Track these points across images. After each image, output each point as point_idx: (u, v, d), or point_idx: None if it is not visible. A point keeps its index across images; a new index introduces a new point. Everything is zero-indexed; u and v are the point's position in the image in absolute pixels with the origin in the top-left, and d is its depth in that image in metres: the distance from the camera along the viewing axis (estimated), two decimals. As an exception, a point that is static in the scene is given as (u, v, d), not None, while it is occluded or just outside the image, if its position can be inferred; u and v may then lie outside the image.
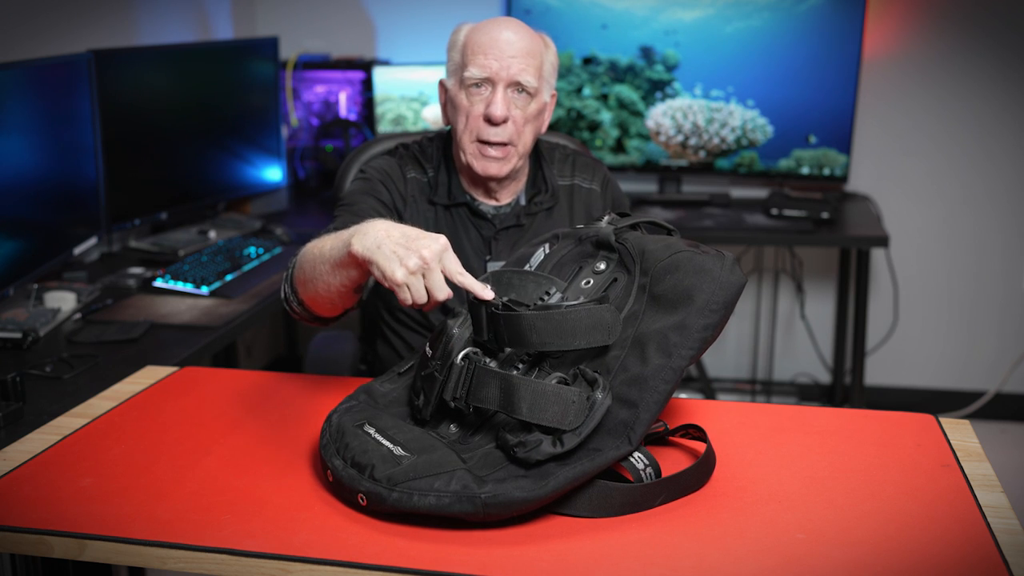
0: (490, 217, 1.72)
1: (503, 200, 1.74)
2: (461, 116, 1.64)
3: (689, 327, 1.17)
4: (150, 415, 1.46)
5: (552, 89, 1.70)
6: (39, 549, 1.13)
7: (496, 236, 1.71)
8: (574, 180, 1.80)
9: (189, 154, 2.81)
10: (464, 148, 1.65)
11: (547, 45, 1.68)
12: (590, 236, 1.36)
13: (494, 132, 1.62)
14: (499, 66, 1.59)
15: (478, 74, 1.60)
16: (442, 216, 1.72)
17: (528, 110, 1.63)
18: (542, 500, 1.10)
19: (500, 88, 1.60)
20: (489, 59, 1.59)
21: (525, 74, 1.60)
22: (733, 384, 3.59)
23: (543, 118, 1.70)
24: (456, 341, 1.21)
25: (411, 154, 1.77)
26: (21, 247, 2.09)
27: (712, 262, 1.20)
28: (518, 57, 1.60)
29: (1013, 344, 3.37)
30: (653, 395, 1.15)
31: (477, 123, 1.62)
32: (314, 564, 1.06)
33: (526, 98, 1.62)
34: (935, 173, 3.32)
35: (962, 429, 1.39)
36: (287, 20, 3.54)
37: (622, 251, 1.31)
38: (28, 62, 2.14)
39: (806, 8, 3.11)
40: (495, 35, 1.60)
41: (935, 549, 1.08)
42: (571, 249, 1.38)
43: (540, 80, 1.64)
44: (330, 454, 1.20)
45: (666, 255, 1.24)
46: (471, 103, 1.62)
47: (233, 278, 2.37)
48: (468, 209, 1.72)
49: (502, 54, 1.59)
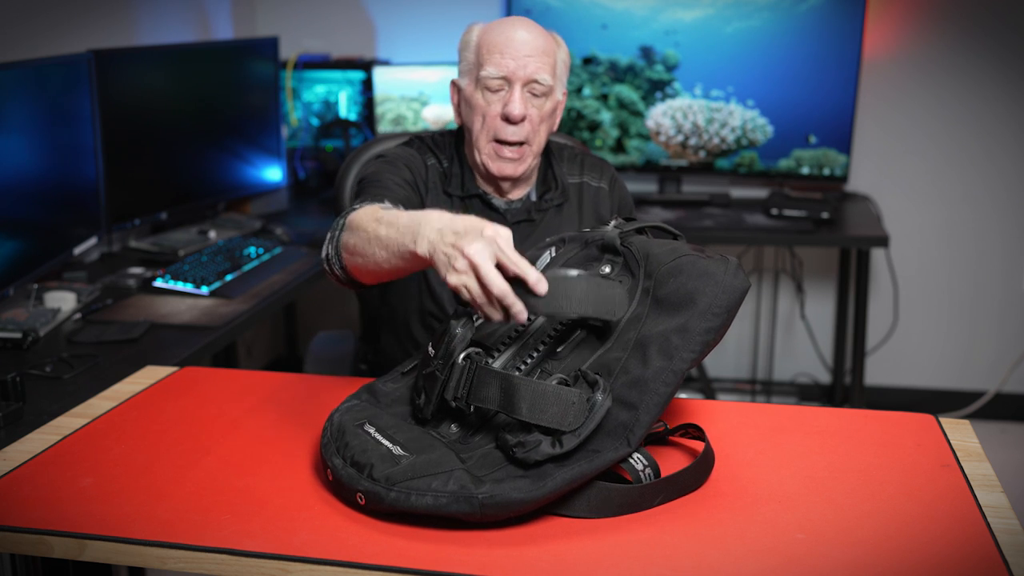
0: (502, 211, 1.73)
1: (514, 196, 1.75)
2: (477, 116, 1.65)
3: (691, 330, 1.17)
4: (150, 415, 1.46)
5: (564, 87, 1.71)
6: (39, 549, 1.13)
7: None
8: (583, 179, 1.81)
9: (189, 154, 2.81)
10: (480, 148, 1.66)
11: (559, 44, 1.69)
12: (596, 239, 1.37)
13: (512, 131, 1.63)
14: (516, 65, 1.60)
15: (495, 73, 1.61)
16: (457, 207, 1.72)
17: (544, 109, 1.65)
18: (539, 501, 1.10)
19: (517, 87, 1.61)
20: (506, 58, 1.60)
21: (541, 72, 1.61)
22: (733, 384, 3.59)
23: (556, 117, 1.71)
24: (459, 341, 1.20)
25: (426, 145, 1.78)
26: (21, 247, 2.09)
27: (716, 266, 1.21)
28: (534, 56, 1.60)
29: (1013, 344, 3.37)
30: (653, 397, 1.15)
31: (495, 123, 1.63)
32: (314, 564, 1.06)
33: (542, 97, 1.64)
34: (935, 173, 3.32)
35: (962, 429, 1.39)
36: (287, 20, 3.54)
37: (627, 255, 1.32)
38: (28, 62, 2.14)
39: (806, 8, 3.11)
40: (510, 34, 1.61)
41: (935, 549, 1.08)
42: (577, 252, 1.39)
43: (555, 78, 1.65)
44: (330, 453, 1.21)
45: (670, 259, 1.25)
46: (488, 103, 1.63)
47: (233, 278, 2.37)
48: (481, 201, 1.73)
49: (518, 53, 1.60)
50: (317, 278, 2.51)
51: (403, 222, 1.24)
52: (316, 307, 3.70)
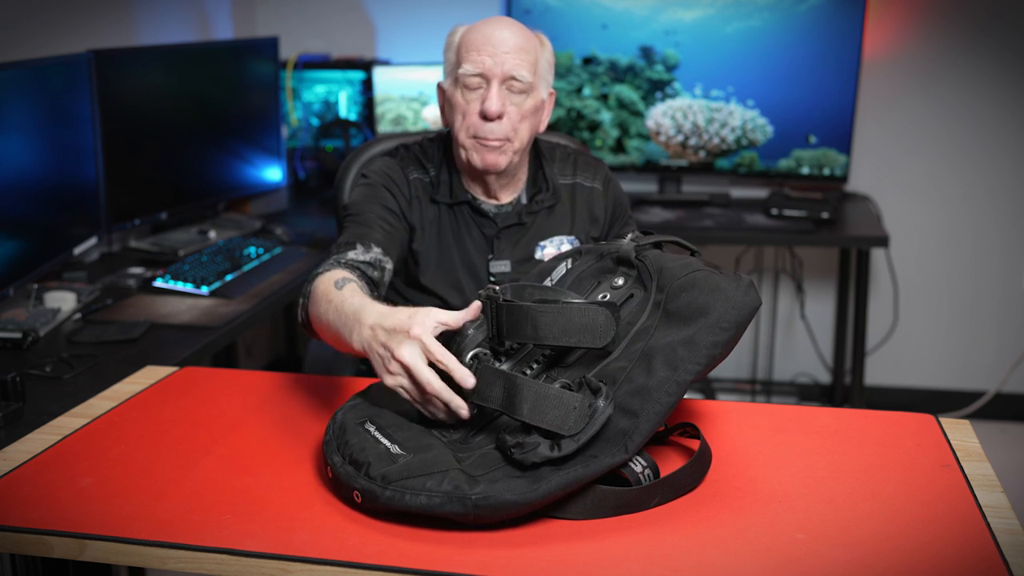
0: (492, 216, 1.73)
1: (504, 199, 1.75)
2: (458, 115, 1.65)
3: (698, 342, 1.18)
4: (150, 415, 1.46)
5: (550, 88, 1.70)
6: (39, 549, 1.13)
7: (498, 235, 1.72)
8: (576, 179, 1.80)
9: (189, 154, 2.81)
10: (463, 144, 1.66)
11: (543, 43, 1.68)
12: (611, 252, 1.39)
13: (490, 129, 1.62)
14: (493, 62, 1.60)
15: (472, 70, 1.61)
16: (445, 215, 1.73)
17: (524, 106, 1.64)
18: (533, 504, 1.10)
19: (495, 84, 1.61)
20: (483, 55, 1.60)
21: (520, 69, 1.61)
22: (733, 384, 3.59)
23: (540, 116, 1.70)
24: (469, 342, 1.22)
25: (412, 155, 1.77)
26: (21, 247, 2.09)
27: (728, 282, 1.21)
28: (512, 53, 1.60)
29: (1013, 344, 3.37)
30: (655, 407, 1.15)
31: (473, 120, 1.63)
32: (314, 564, 1.06)
33: (521, 94, 1.63)
34: (935, 173, 3.32)
35: (962, 429, 1.39)
36: (287, 20, 3.54)
37: (641, 268, 1.33)
38: (28, 62, 2.14)
39: (806, 8, 3.11)
40: (488, 33, 1.61)
41: (935, 549, 1.08)
42: (592, 264, 1.40)
43: (535, 75, 1.64)
44: (331, 451, 1.21)
45: (683, 273, 1.26)
46: (467, 101, 1.63)
47: (233, 278, 2.37)
48: (470, 207, 1.73)
49: (496, 50, 1.60)
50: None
51: (346, 310, 1.30)
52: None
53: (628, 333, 1.25)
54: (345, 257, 1.53)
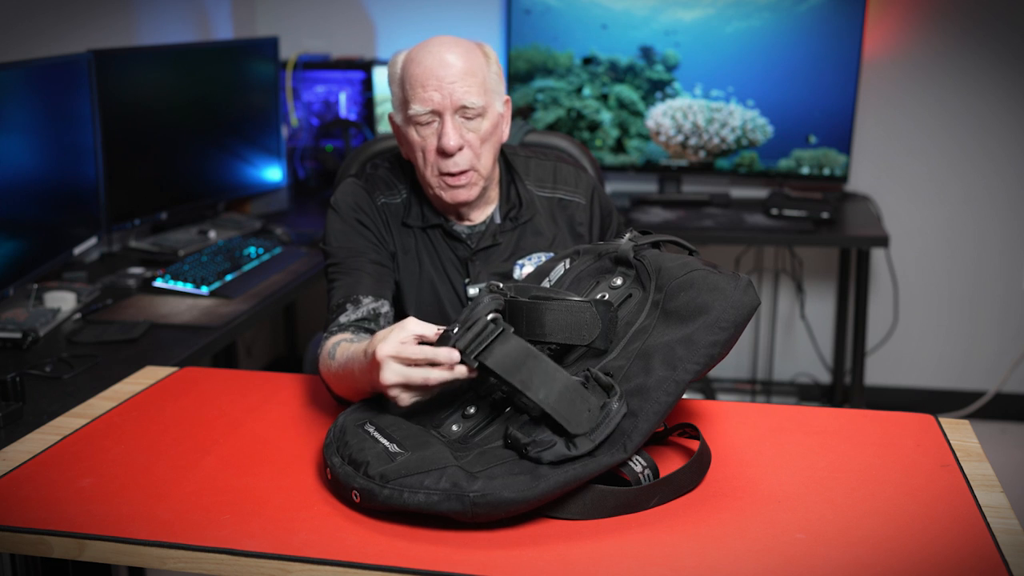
0: (464, 238, 1.68)
1: (477, 220, 1.70)
2: (417, 152, 1.60)
3: (696, 342, 1.18)
4: (150, 415, 1.46)
5: (503, 96, 1.64)
6: (39, 549, 1.13)
7: (473, 258, 1.68)
8: (555, 192, 1.74)
9: (189, 154, 2.81)
10: (429, 183, 1.61)
11: (487, 55, 1.62)
12: (610, 252, 1.38)
13: (452, 163, 1.57)
14: (441, 96, 1.53)
15: (422, 109, 1.55)
16: (419, 237, 1.69)
17: (482, 130, 1.58)
18: (531, 502, 1.10)
19: (447, 117, 1.55)
20: (429, 91, 1.53)
21: (469, 96, 1.54)
22: (733, 384, 3.59)
23: (500, 131, 1.64)
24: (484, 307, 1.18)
25: (380, 176, 1.71)
26: (21, 247, 2.09)
27: (727, 282, 1.21)
28: (459, 80, 1.53)
29: (1013, 344, 3.37)
30: (654, 406, 1.16)
31: (433, 157, 1.58)
32: (313, 564, 1.07)
33: (476, 119, 1.57)
34: (935, 173, 3.32)
35: (962, 429, 1.39)
36: (287, 20, 3.54)
37: (639, 268, 1.32)
38: (28, 62, 2.14)
39: (806, 8, 3.11)
40: (431, 65, 1.54)
41: (935, 549, 1.08)
42: (590, 264, 1.40)
43: (486, 96, 1.58)
44: (330, 452, 1.21)
45: (682, 273, 1.26)
46: (423, 138, 1.58)
47: (233, 278, 2.37)
48: (442, 231, 1.68)
49: (442, 82, 1.53)
50: (317, 278, 2.51)
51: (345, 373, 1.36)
52: (316, 307, 3.70)
53: (627, 333, 1.25)
54: (337, 324, 1.53)
